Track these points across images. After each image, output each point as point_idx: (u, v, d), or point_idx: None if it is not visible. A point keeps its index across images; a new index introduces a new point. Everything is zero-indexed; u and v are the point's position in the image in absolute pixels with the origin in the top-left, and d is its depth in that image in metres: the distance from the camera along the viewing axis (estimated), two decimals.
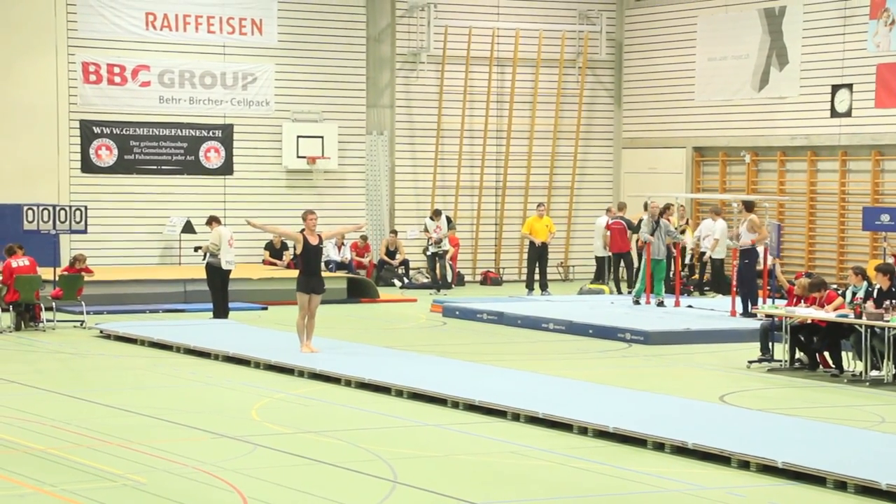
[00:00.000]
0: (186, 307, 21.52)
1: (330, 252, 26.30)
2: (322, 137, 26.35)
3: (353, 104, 26.82)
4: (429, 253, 25.46)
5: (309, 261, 15.55)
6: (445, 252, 25.44)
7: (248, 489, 9.42)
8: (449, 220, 26.09)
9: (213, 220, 19.91)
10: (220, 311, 19.62)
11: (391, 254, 26.67)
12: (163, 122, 25.66)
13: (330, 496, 9.29)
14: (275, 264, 25.58)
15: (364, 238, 26.71)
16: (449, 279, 25.76)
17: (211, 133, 25.99)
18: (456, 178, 27.51)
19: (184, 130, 25.81)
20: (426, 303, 22.61)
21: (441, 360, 15.61)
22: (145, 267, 24.81)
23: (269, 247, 26.01)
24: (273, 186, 26.40)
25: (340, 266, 25.90)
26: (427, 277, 25.91)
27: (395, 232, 26.96)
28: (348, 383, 14.12)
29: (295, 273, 24.68)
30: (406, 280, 26.35)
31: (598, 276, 24.81)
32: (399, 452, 10.76)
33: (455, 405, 12.78)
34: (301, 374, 14.80)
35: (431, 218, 25.62)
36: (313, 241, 15.59)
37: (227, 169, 26.13)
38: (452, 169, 27.53)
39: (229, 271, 19.57)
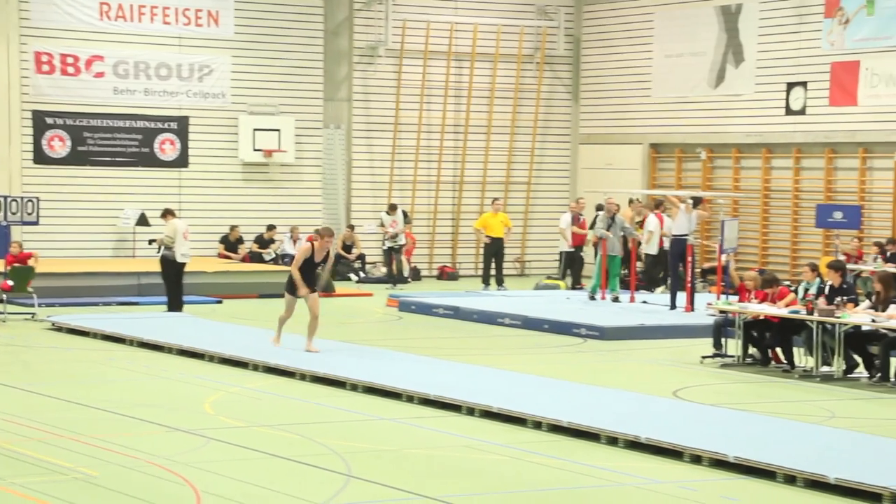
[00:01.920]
0: (140, 300, 21.37)
1: (286, 246, 26.22)
2: (279, 130, 26.25)
3: (310, 97, 26.73)
4: (385, 247, 25.42)
5: (303, 271, 15.30)
6: (402, 246, 25.42)
7: (202, 483, 9.36)
8: (405, 214, 26.07)
9: (168, 213, 19.79)
10: (175, 305, 19.50)
11: (347, 248, 26.62)
12: (117, 113, 25.45)
13: (284, 490, 9.26)
14: (230, 258, 25.47)
15: (318, 232, 26.57)
16: (405, 274, 25.75)
17: (166, 125, 25.81)
18: (413, 173, 27.49)
19: (138, 122, 25.63)
20: (382, 297, 22.58)
21: (396, 355, 15.60)
22: (98, 259, 24.61)
23: (225, 240, 25.89)
24: (229, 179, 26.26)
25: None
26: (383, 272, 25.88)
27: (351, 226, 26.90)
28: (303, 377, 14.07)
29: (250, 266, 24.82)
30: (362, 274, 26.31)
31: (572, 271, 24.43)
32: (353, 446, 10.74)
33: (410, 399, 12.78)
34: (255, 367, 14.74)
35: (388, 212, 25.59)
36: (317, 257, 15.38)
37: (182, 161, 25.97)
38: (409, 163, 27.51)
39: (184, 264, 19.46)
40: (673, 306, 19.74)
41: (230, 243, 25.81)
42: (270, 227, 26.13)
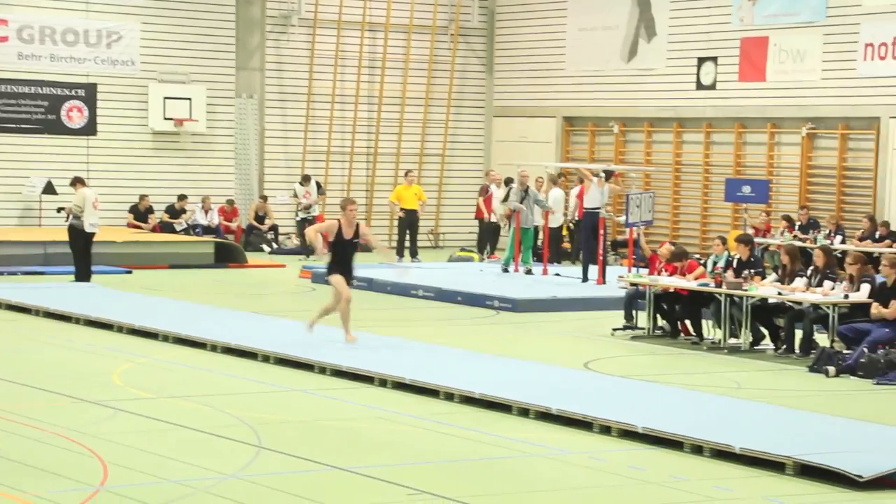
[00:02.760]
0: (47, 270, 21.00)
1: (197, 216, 25.93)
2: (190, 99, 25.90)
3: (222, 66, 26.41)
4: (298, 218, 25.26)
5: (339, 254, 13.77)
6: (315, 217, 25.28)
7: (109, 454, 9.24)
8: (319, 185, 25.92)
9: (77, 182, 19.44)
10: (83, 275, 19.19)
11: (260, 219, 26.41)
12: (22, 79, 24.91)
13: (193, 461, 9.18)
14: (139, 227, 25.14)
15: (231, 202, 26.38)
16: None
17: (73, 92, 25.32)
18: (327, 144, 27.33)
19: (44, 88, 25.10)
20: (295, 268, 22.45)
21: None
22: (3, 228, 24.12)
23: (134, 210, 25.54)
24: (138, 148, 25.88)
25: (208, 230, 25.57)
26: (296, 243, 25.73)
27: (264, 197, 26.69)
28: (214, 348, 13.95)
29: (160, 236, 24.50)
30: (275, 245, 26.13)
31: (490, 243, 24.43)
32: (264, 418, 10.68)
33: (322, 371, 12.73)
34: (165, 338, 14.57)
35: (301, 183, 25.42)
36: (348, 233, 13.72)
37: (90, 129, 25.51)
38: (323, 134, 27.34)
39: (93, 234, 19.15)
40: (585, 279, 19.90)
41: (140, 213, 25.46)
42: (182, 197, 25.82)
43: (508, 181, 23.48)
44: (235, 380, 12.44)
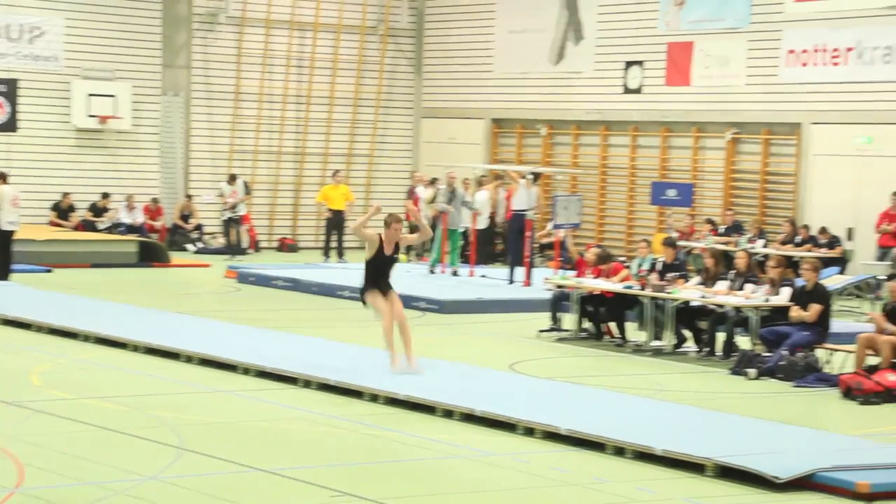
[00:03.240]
0: None
1: (121, 215, 25.63)
2: (114, 96, 25.60)
3: (147, 63, 26.13)
4: (224, 218, 25.07)
5: (375, 270, 12.71)
6: (241, 217, 25.11)
7: (25, 456, 9.09)
8: (246, 185, 25.74)
9: None
10: (1, 273, 18.87)
11: (185, 218, 26.17)
12: None
13: (113, 463, 9.05)
14: (61, 226, 24.79)
15: (156, 201, 26.11)
16: (244, 244, 25.45)
17: None
18: (254, 143, 27.15)
19: None
20: (220, 268, 22.27)
21: (233, 327, 15.40)
22: None
23: (56, 208, 25.18)
24: (61, 146, 25.52)
25: (132, 229, 25.28)
26: (222, 242, 25.53)
27: (189, 196, 26.45)
28: (136, 348, 13.78)
29: (82, 235, 24.15)
30: (200, 245, 25.90)
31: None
32: (186, 419, 10.57)
33: (246, 372, 12.63)
34: (86, 338, 14.37)
35: (228, 182, 25.22)
36: (388, 250, 12.66)
37: (10, 125, 25.04)
38: (250, 133, 27.15)
39: (12, 232, 18.84)
40: (511, 281, 19.96)
41: (62, 211, 25.11)
42: (105, 196, 25.50)
43: (433, 181, 23.54)
44: (157, 381, 12.30)
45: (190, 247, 25.69)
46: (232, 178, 25.25)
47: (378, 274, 12.66)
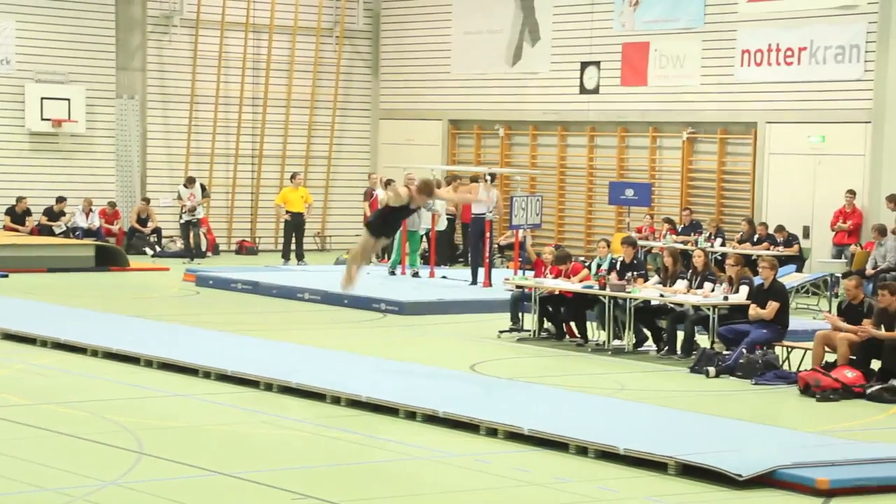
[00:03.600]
0: None
1: (77, 219, 25.43)
2: (69, 100, 25.38)
3: (101, 66, 25.93)
4: (182, 221, 24.92)
5: (390, 215, 12.49)
6: (199, 220, 24.98)
7: None
8: (203, 187, 25.61)
9: None
10: None
11: (142, 221, 25.99)
12: None
13: (71, 469, 8.98)
14: (17, 230, 24.55)
15: (113, 204, 25.92)
16: (203, 248, 25.32)
17: None
18: (211, 146, 27.01)
19: None
20: (179, 272, 22.14)
21: (193, 330, 15.32)
22: None
23: (11, 212, 24.94)
24: (14, 150, 25.27)
25: (88, 233, 25.08)
26: (180, 246, 25.38)
27: (146, 199, 26.27)
28: (95, 353, 13.67)
29: (38, 239, 23.93)
30: (158, 248, 25.74)
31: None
32: (146, 423, 10.49)
33: (207, 375, 12.57)
34: (44, 343, 14.24)
35: (185, 185, 25.08)
36: (413, 201, 12.38)
37: None
38: (207, 136, 27.01)
39: None
40: (474, 281, 19.96)
41: (17, 215, 24.87)
42: (60, 200, 25.27)
43: (389, 182, 23.50)
44: (117, 385, 12.21)
45: (148, 250, 25.52)
46: (189, 181, 25.11)
47: (391, 219, 12.59)
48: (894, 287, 12.84)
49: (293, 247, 23.86)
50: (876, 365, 12.66)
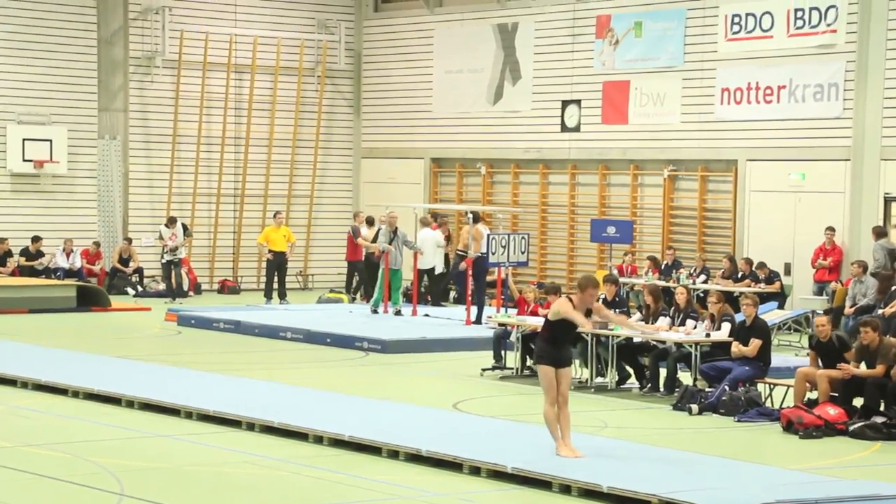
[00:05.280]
0: None
1: (58, 259, 25.35)
2: (50, 141, 25.38)
3: (83, 107, 25.95)
4: (164, 261, 24.88)
5: (563, 331, 10.88)
6: (181, 260, 24.94)
7: None
8: (185, 227, 25.59)
9: None
10: None
11: (124, 261, 25.94)
12: None
13: None
14: None
15: (97, 244, 25.87)
16: (185, 287, 25.26)
17: None
18: (193, 185, 27.01)
19: None
20: (161, 311, 22.07)
21: (175, 370, 15.26)
22: None
23: None
24: None
25: (69, 273, 25.00)
26: (162, 286, 25.32)
27: (128, 239, 26.23)
28: (76, 394, 13.60)
29: (18, 280, 23.82)
30: (140, 288, 25.68)
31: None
32: (127, 465, 10.43)
33: (189, 416, 12.51)
34: (25, 385, 14.16)
35: (167, 225, 25.04)
36: (579, 318, 10.79)
37: None
38: (189, 176, 27.01)
39: None
40: (479, 321, 19.69)
41: None
42: (36, 239, 25.17)
43: (370, 221, 23.61)
44: (98, 426, 12.14)
45: (130, 290, 25.45)
46: (171, 221, 25.08)
47: (561, 337, 10.86)
48: (876, 324, 12.91)
49: (275, 286, 23.83)
50: (858, 402, 12.69)
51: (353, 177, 28.65)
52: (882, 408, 12.50)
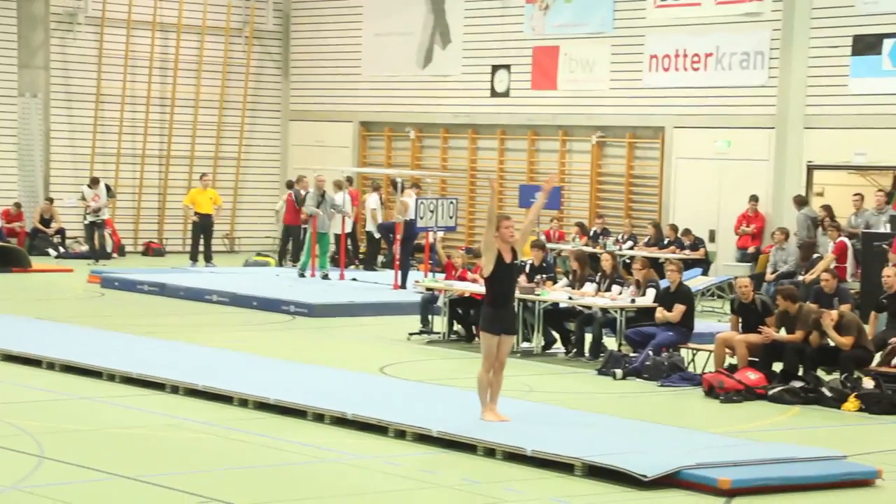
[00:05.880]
0: None
1: None
2: None
3: (2, 63, 25.42)
4: (87, 222, 24.52)
5: (499, 284, 10.52)
6: (104, 221, 24.59)
7: None
8: (109, 188, 25.24)
9: None
10: None
11: (46, 222, 25.53)
12: None
13: None
14: None
15: (17, 205, 25.42)
16: (108, 249, 24.93)
17: None
18: (117, 146, 26.62)
19: None
20: (83, 273, 21.77)
21: (97, 332, 15.07)
22: None
23: None
24: None
25: None
26: (84, 247, 24.97)
27: (50, 199, 25.81)
28: None
29: None
30: (62, 249, 25.30)
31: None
32: (47, 427, 10.29)
33: (111, 378, 12.37)
34: None
35: (90, 186, 24.68)
36: (507, 256, 10.52)
37: None
38: (113, 136, 26.62)
39: None
40: (404, 286, 19.68)
41: None
42: None
43: (290, 184, 23.40)
44: (17, 388, 11.97)
45: (51, 251, 25.07)
46: (94, 182, 24.71)
47: (502, 291, 10.52)
48: (787, 293, 13.07)
49: (201, 248, 23.60)
50: (778, 367, 12.88)
51: (281, 139, 28.42)
52: (800, 373, 12.70)
